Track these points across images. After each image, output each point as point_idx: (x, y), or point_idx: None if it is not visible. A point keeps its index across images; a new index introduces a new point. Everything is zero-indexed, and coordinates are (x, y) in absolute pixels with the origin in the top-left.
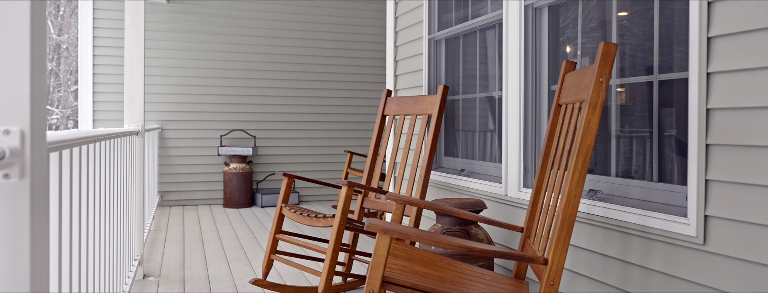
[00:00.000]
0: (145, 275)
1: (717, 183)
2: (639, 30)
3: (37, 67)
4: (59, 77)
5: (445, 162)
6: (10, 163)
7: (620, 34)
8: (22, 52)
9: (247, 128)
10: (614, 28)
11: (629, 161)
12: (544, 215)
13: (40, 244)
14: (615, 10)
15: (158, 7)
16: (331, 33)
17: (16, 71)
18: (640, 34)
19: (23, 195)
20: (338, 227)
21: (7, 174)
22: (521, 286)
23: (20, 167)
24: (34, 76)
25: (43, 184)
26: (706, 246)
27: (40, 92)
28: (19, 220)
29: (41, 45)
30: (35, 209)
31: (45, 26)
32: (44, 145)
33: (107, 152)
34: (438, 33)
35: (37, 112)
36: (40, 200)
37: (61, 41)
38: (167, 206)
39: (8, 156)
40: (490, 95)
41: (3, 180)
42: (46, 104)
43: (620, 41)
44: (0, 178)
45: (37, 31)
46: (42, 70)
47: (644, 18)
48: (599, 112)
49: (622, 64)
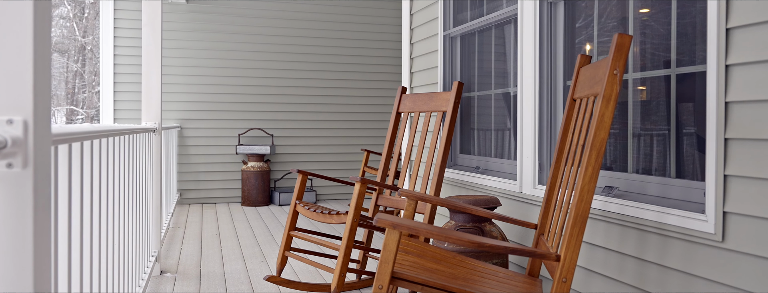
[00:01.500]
0: (163, 271)
1: (736, 179)
2: (657, 23)
3: (41, 58)
4: (84, 78)
5: (460, 159)
6: (13, 152)
7: (637, 27)
8: (25, 44)
9: (265, 127)
10: (631, 22)
11: (646, 157)
12: (557, 211)
13: (43, 233)
14: (632, 4)
15: (178, 7)
16: (348, 31)
17: (19, 62)
18: (658, 27)
19: (26, 185)
20: (351, 224)
21: (10, 164)
22: (535, 284)
23: (23, 157)
24: (38, 66)
25: (47, 174)
26: (725, 243)
27: (43, 82)
28: (22, 209)
29: (45, 36)
30: (39, 199)
31: (49, 16)
32: (49, 136)
33: (122, 148)
34: (453, 29)
35: (41, 102)
36: (44, 190)
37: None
38: (186, 204)
39: (10, 145)
40: (505, 92)
41: (6, 170)
42: (50, 95)
43: (638, 35)
44: (3, 167)
45: (40, 21)
46: (46, 62)
47: (662, 11)
48: (613, 105)
49: (639, 58)
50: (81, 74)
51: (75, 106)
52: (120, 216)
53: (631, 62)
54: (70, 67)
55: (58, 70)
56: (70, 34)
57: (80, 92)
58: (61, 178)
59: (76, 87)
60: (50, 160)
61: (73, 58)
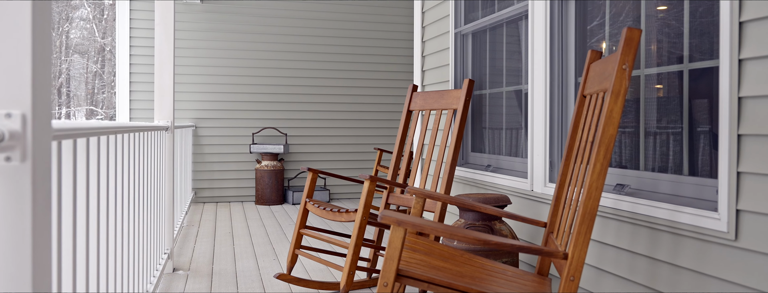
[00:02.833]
0: (175, 268)
1: (749, 176)
2: (669, 17)
3: (40, 52)
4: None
5: (472, 158)
6: (11, 146)
7: (650, 23)
8: (23, 37)
9: (279, 126)
10: (643, 17)
11: (658, 154)
12: (566, 209)
13: (43, 227)
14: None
15: (192, 7)
16: (361, 31)
17: (18, 56)
18: (670, 21)
19: (25, 179)
20: (360, 222)
21: (9, 157)
22: (543, 282)
23: (22, 151)
24: (37, 61)
25: (47, 169)
26: (738, 241)
27: (42, 76)
28: (21, 203)
29: (45, 30)
30: (38, 193)
31: (49, 9)
32: (49, 130)
33: (133, 146)
34: (464, 27)
35: (40, 97)
36: (44, 184)
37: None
38: (201, 203)
39: (8, 139)
40: (517, 89)
41: (4, 163)
42: (50, 90)
43: (650, 31)
44: (1, 161)
45: (40, 14)
46: (46, 56)
47: (675, 6)
48: (622, 101)
49: (651, 54)
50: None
51: (95, 106)
52: (130, 213)
53: (642, 59)
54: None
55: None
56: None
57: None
58: (65, 174)
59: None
60: (51, 154)
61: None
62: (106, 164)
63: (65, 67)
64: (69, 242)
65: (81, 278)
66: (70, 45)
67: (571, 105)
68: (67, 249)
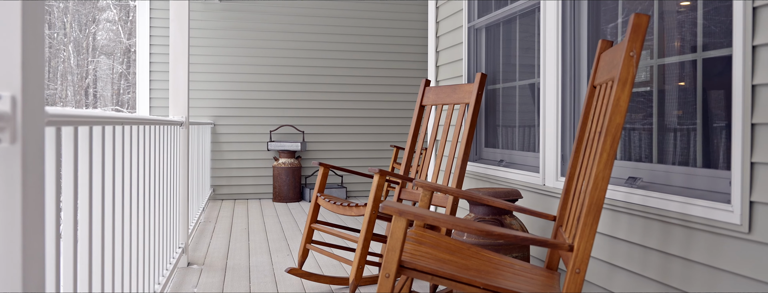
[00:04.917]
0: (190, 263)
1: (763, 166)
2: (683, 7)
3: (32, 35)
4: (129, 79)
5: (485, 153)
6: (0, 128)
7: (665, 13)
8: (13, 20)
9: (296, 124)
10: (656, 8)
11: (670, 146)
12: (575, 201)
13: (34, 210)
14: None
15: (211, 5)
16: (377, 28)
17: (8, 38)
18: (684, 11)
19: (15, 160)
20: (369, 216)
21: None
22: (551, 276)
23: (11, 133)
24: (27, 43)
25: (39, 152)
26: (752, 234)
27: (34, 59)
28: (10, 185)
29: (37, 12)
30: (28, 174)
31: None
32: (41, 114)
33: (145, 139)
34: (477, 21)
35: (31, 79)
36: (36, 167)
37: (130, 45)
38: (219, 200)
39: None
40: (530, 83)
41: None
42: (43, 73)
43: (667, 20)
44: None
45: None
46: (38, 39)
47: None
48: (629, 89)
49: (663, 43)
50: (126, 76)
51: (120, 106)
52: (143, 206)
53: (654, 49)
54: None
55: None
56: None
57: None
58: (66, 161)
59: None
60: (43, 138)
61: (119, 61)
62: (112, 155)
63: (92, 67)
64: (70, 227)
65: (83, 265)
66: (97, 46)
67: (583, 98)
68: (68, 235)
